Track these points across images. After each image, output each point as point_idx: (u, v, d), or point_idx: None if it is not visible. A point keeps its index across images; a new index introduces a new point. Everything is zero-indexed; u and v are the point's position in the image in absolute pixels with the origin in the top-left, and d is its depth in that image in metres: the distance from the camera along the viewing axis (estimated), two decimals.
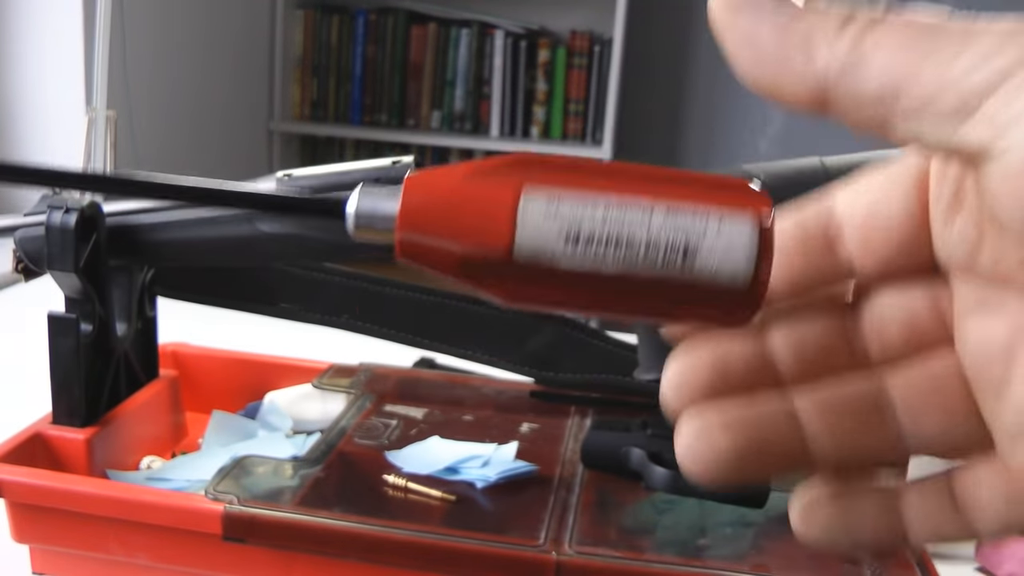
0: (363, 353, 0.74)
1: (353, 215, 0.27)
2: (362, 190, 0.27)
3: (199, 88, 2.38)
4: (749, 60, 0.21)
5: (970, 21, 0.19)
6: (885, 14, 0.19)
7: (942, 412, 0.21)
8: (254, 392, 0.73)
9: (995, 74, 0.17)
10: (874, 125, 0.19)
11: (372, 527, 0.49)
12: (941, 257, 0.21)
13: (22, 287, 1.05)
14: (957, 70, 0.18)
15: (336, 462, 0.58)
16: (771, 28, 0.21)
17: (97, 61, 1.55)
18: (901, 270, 0.22)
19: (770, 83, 0.21)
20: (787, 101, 0.21)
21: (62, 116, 1.91)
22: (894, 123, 0.19)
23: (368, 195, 0.27)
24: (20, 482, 0.52)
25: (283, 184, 0.58)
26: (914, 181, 0.22)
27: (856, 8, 0.20)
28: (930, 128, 0.18)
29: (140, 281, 0.64)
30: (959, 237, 0.20)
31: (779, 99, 0.21)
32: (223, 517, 0.50)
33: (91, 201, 0.57)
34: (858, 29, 0.19)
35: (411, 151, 2.68)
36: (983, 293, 0.20)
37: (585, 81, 2.67)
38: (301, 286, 0.68)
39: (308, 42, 2.78)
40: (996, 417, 0.20)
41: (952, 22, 0.19)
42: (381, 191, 0.27)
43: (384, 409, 0.66)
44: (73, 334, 0.57)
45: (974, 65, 0.18)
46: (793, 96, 0.20)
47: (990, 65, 0.18)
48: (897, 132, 0.19)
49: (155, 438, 0.66)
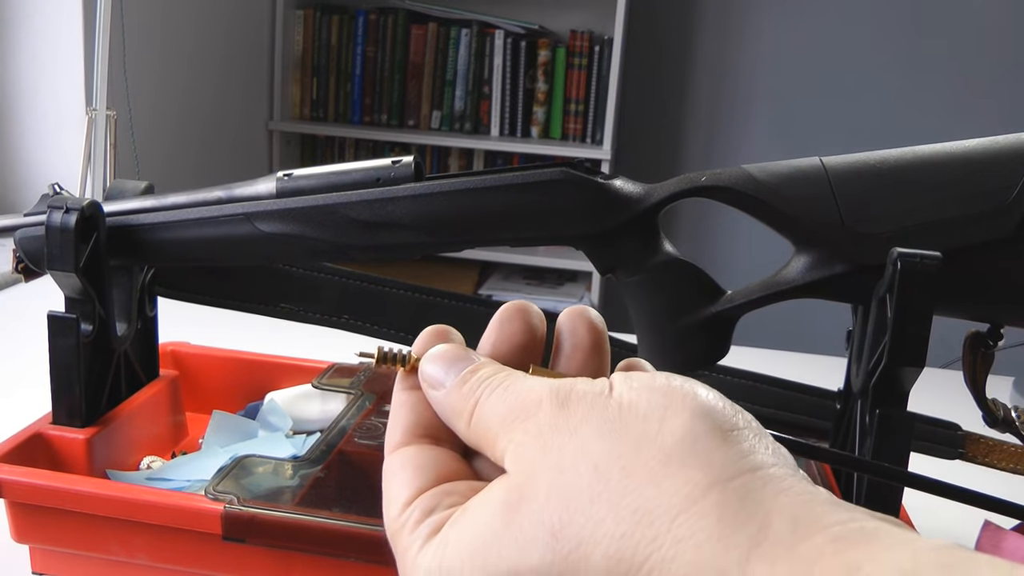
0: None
1: None
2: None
3: (199, 88, 2.38)
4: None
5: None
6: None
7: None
8: (254, 392, 0.73)
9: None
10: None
11: (372, 527, 0.49)
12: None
13: (22, 287, 1.05)
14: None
15: (336, 462, 0.58)
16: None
17: (97, 61, 1.55)
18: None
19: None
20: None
21: (62, 116, 1.91)
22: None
23: None
24: (20, 482, 0.52)
25: (283, 183, 0.58)
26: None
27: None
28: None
29: (140, 281, 0.64)
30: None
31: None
32: (223, 517, 0.50)
33: (91, 201, 0.57)
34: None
35: (411, 151, 2.68)
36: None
37: (585, 81, 2.67)
38: (301, 286, 0.68)
39: (308, 42, 2.78)
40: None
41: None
42: None
43: (384, 409, 0.66)
44: (73, 334, 0.57)
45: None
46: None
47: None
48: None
49: (155, 438, 0.66)
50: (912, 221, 0.52)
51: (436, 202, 0.55)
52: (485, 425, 0.29)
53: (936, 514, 0.63)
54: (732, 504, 0.24)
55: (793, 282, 0.54)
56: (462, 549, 0.27)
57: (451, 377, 0.31)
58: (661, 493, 0.25)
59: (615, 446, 0.26)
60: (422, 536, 0.29)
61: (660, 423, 0.26)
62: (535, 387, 0.29)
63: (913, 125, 2.63)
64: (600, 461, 0.26)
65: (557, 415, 0.28)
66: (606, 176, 0.55)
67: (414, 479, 0.30)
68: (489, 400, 0.30)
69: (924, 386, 0.54)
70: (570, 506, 0.26)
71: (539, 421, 0.28)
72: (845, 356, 0.59)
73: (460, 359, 0.31)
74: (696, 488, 0.25)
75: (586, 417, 0.27)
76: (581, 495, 0.26)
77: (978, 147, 0.53)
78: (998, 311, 0.55)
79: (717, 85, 2.84)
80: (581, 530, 0.25)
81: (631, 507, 0.25)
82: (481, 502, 0.28)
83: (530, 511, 0.26)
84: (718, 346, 0.56)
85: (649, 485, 0.25)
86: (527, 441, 0.28)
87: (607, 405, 0.27)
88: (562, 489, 0.26)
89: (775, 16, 2.75)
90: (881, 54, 2.69)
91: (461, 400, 0.30)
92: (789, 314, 1.27)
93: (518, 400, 0.29)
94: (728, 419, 0.27)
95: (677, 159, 2.88)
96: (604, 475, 0.26)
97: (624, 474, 0.25)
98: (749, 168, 0.55)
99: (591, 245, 0.56)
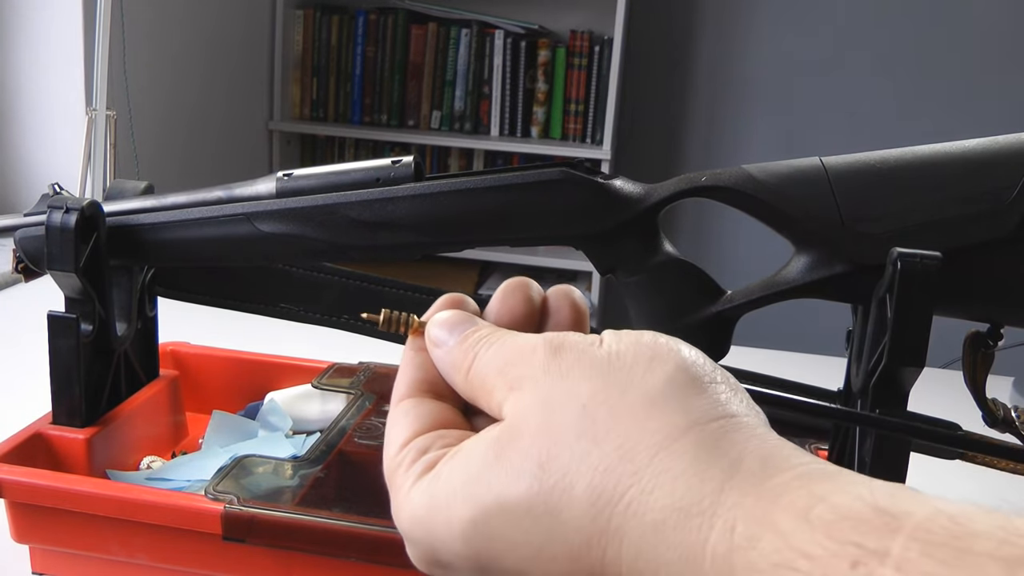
0: (363, 353, 0.74)
1: None
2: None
3: (199, 88, 2.38)
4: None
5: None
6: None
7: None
8: (254, 392, 0.73)
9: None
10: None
11: (372, 527, 0.49)
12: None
13: (22, 287, 1.05)
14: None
15: (336, 462, 0.58)
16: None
17: (97, 61, 1.55)
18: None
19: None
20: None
21: (62, 116, 1.91)
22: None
23: None
24: (20, 482, 0.52)
25: (283, 183, 0.58)
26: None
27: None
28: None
29: (140, 281, 0.64)
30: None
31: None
32: (223, 517, 0.50)
33: (91, 201, 0.57)
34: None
35: (411, 151, 2.67)
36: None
37: (585, 81, 2.67)
38: (301, 286, 0.68)
39: (308, 42, 2.78)
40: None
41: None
42: None
43: (384, 409, 0.66)
44: (73, 334, 0.57)
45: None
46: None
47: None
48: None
49: (155, 438, 0.66)
50: (912, 221, 0.52)
51: (436, 202, 0.55)
52: (482, 377, 0.31)
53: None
54: (708, 444, 0.26)
55: (793, 282, 0.54)
56: (454, 479, 0.29)
57: (454, 337, 0.33)
58: (643, 432, 0.27)
59: (603, 388, 0.28)
60: (415, 473, 0.30)
61: (645, 371, 0.28)
62: (530, 338, 0.31)
63: (913, 125, 2.63)
64: (588, 402, 0.28)
65: (550, 361, 0.30)
66: (606, 176, 0.55)
67: (413, 423, 0.32)
68: (487, 354, 0.32)
69: (924, 386, 0.54)
70: (558, 440, 0.27)
71: (532, 365, 0.30)
72: (845, 356, 0.59)
73: (463, 322, 0.33)
74: (676, 429, 0.27)
75: (577, 361, 0.29)
76: (568, 431, 0.27)
77: (978, 147, 0.53)
78: (998, 311, 0.55)
79: (717, 85, 2.84)
80: (567, 463, 0.27)
81: (614, 443, 0.27)
82: (475, 441, 0.30)
83: (520, 445, 0.28)
84: (718, 346, 0.56)
85: (632, 425, 0.27)
86: (522, 389, 0.30)
87: (597, 353, 0.29)
88: (551, 426, 0.28)
89: (775, 16, 2.75)
90: (881, 54, 2.69)
91: (460, 355, 0.32)
92: (789, 314, 1.27)
93: (513, 349, 0.31)
94: (707, 373, 0.29)
95: (677, 159, 2.88)
96: (591, 414, 0.27)
97: (610, 414, 0.27)
98: (749, 168, 0.55)
99: (591, 245, 0.56)
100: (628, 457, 0.26)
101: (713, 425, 0.27)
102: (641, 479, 0.26)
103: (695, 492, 0.25)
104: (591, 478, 0.26)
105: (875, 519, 0.23)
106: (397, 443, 0.32)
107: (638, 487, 0.26)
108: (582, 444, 0.27)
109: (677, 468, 0.26)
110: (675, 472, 0.26)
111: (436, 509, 0.29)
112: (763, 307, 0.55)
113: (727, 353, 0.57)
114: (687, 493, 0.25)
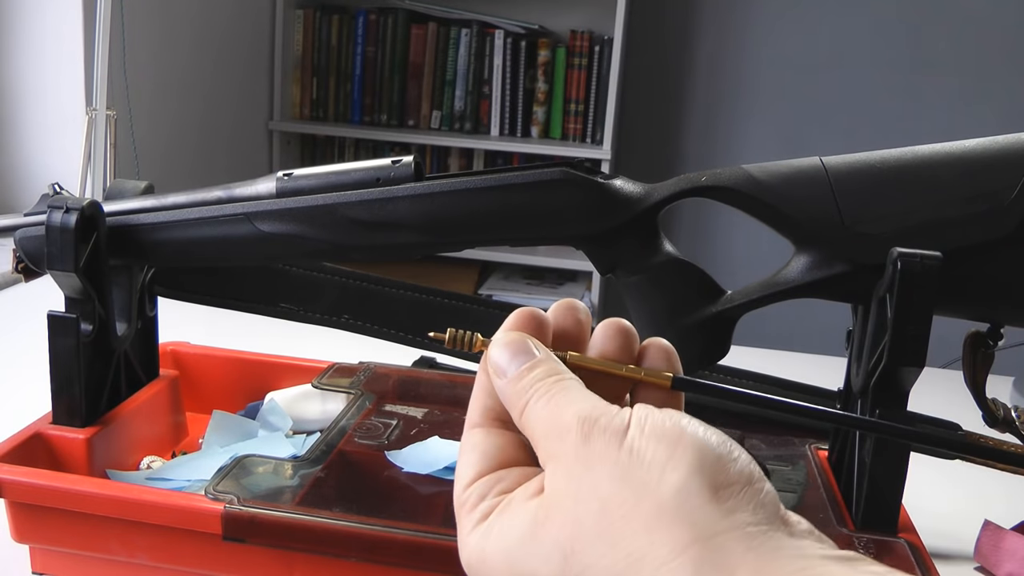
0: (363, 353, 0.74)
1: None
2: None
3: (199, 88, 2.38)
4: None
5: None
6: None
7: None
8: (254, 392, 0.73)
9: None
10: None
11: (372, 527, 0.49)
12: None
13: (22, 287, 1.05)
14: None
15: (336, 462, 0.58)
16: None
17: (97, 61, 1.55)
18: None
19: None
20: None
21: (62, 116, 1.91)
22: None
23: None
24: (20, 482, 0.52)
25: (283, 183, 0.58)
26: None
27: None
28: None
29: (140, 281, 0.64)
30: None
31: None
32: (223, 517, 0.50)
33: (91, 201, 0.57)
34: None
35: (411, 151, 2.67)
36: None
37: (585, 81, 2.67)
38: (301, 286, 0.68)
39: (308, 42, 2.78)
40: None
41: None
42: None
43: (384, 409, 0.66)
44: (73, 334, 0.57)
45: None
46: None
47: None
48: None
49: (155, 438, 0.66)
50: (912, 221, 0.52)
51: (436, 202, 0.55)
52: (530, 428, 0.36)
53: (937, 516, 0.63)
54: (707, 560, 0.30)
55: (793, 282, 0.54)
56: (499, 545, 0.34)
57: (512, 368, 0.37)
58: (651, 543, 0.30)
59: (620, 491, 0.32)
60: (474, 520, 0.36)
61: (660, 475, 0.31)
62: (565, 415, 0.34)
63: (913, 125, 2.63)
64: (606, 504, 0.32)
65: (580, 447, 0.33)
66: (606, 176, 0.55)
67: (478, 462, 0.37)
68: (535, 407, 0.36)
69: (924, 386, 0.54)
70: (580, 536, 0.32)
71: (565, 445, 0.34)
72: (845, 356, 0.59)
73: (522, 352, 0.37)
74: (678, 544, 0.30)
75: (602, 457, 0.33)
76: (590, 529, 0.32)
77: (978, 147, 0.53)
78: (998, 311, 0.55)
79: (717, 85, 2.84)
80: (586, 558, 0.31)
81: (626, 550, 0.31)
82: (521, 504, 0.34)
83: (551, 531, 0.33)
84: (718, 346, 0.56)
85: (642, 534, 0.30)
86: (556, 466, 0.34)
87: (619, 449, 0.32)
88: (576, 519, 0.32)
89: (775, 16, 2.75)
90: (881, 54, 2.69)
91: (515, 396, 0.36)
92: (789, 314, 1.27)
93: (554, 422, 0.35)
94: (722, 474, 0.32)
95: (677, 159, 2.88)
96: (608, 516, 0.31)
97: (624, 521, 0.31)
98: (749, 168, 0.55)
99: (591, 245, 0.56)
100: (636, 566, 0.30)
101: (715, 541, 0.30)
102: None
103: None
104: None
105: None
106: (463, 481, 0.37)
107: None
108: (600, 544, 0.31)
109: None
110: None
111: (485, 563, 0.34)
112: (763, 307, 0.55)
113: (727, 353, 0.57)
114: None
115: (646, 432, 0.33)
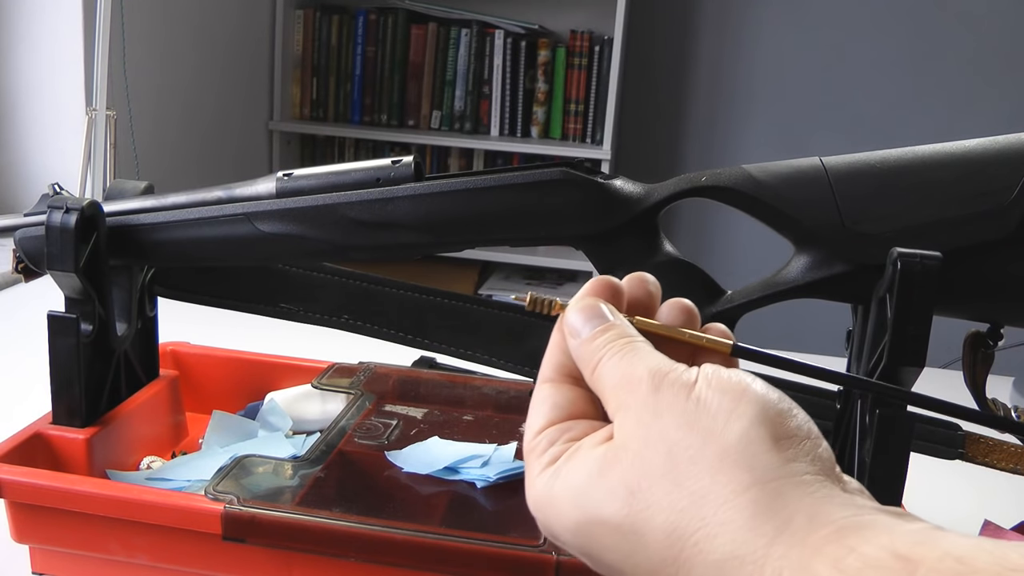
0: (363, 353, 0.74)
1: None
2: None
3: (199, 88, 2.38)
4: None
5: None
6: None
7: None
8: (254, 392, 0.73)
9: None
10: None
11: (372, 527, 0.49)
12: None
13: (22, 287, 1.05)
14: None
15: (336, 462, 0.58)
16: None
17: (97, 61, 1.55)
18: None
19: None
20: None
21: (62, 116, 1.91)
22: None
23: None
24: (20, 482, 0.52)
25: (283, 183, 0.58)
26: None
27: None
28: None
29: (140, 281, 0.64)
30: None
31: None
32: (223, 517, 0.50)
33: (91, 201, 0.57)
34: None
35: (411, 151, 2.67)
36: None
37: (585, 81, 2.67)
38: (301, 286, 0.68)
39: (308, 42, 2.78)
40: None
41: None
42: None
43: (384, 409, 0.66)
44: (73, 334, 0.57)
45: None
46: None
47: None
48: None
49: (155, 438, 0.66)
50: (912, 221, 0.52)
51: (436, 202, 0.55)
52: (601, 384, 0.37)
53: (937, 516, 0.63)
54: (765, 502, 0.31)
55: (793, 282, 0.54)
56: (568, 483, 0.36)
57: (587, 329, 0.38)
58: (714, 483, 0.32)
59: (686, 436, 0.33)
60: (542, 464, 0.37)
61: (725, 423, 0.33)
62: (638, 368, 0.36)
63: (913, 125, 2.63)
64: (673, 447, 0.33)
65: (649, 397, 0.35)
66: (606, 176, 0.55)
67: (549, 412, 0.38)
68: (607, 364, 0.37)
69: (924, 386, 0.54)
70: (647, 474, 0.33)
71: (636, 396, 0.35)
72: (845, 356, 0.59)
73: (596, 316, 0.39)
74: (740, 485, 0.32)
75: (671, 405, 0.34)
76: (656, 468, 0.33)
77: (978, 147, 0.53)
78: (998, 311, 0.55)
79: (717, 85, 2.84)
80: (652, 495, 0.33)
81: (691, 489, 0.32)
82: (589, 450, 0.36)
83: (618, 470, 0.34)
84: None
85: (707, 475, 0.32)
86: (626, 414, 0.35)
87: (687, 399, 0.34)
88: (644, 460, 0.34)
89: (774, 16, 2.75)
90: (881, 54, 2.69)
91: (588, 354, 0.38)
92: (789, 314, 1.27)
93: (626, 374, 0.36)
94: (782, 427, 0.33)
95: (677, 159, 2.88)
96: (674, 459, 0.33)
97: (691, 462, 0.33)
98: (749, 168, 0.55)
99: (591, 245, 0.56)
100: (700, 504, 0.32)
101: (772, 484, 0.32)
102: (708, 524, 0.32)
103: (750, 544, 0.31)
104: (669, 514, 0.32)
105: (894, 564, 0.28)
106: (533, 429, 0.38)
107: (705, 531, 0.32)
108: (666, 482, 0.33)
109: (738, 521, 0.31)
110: (735, 524, 0.31)
111: (552, 504, 0.36)
112: (763, 307, 0.55)
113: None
114: (743, 544, 0.31)
115: (713, 385, 0.34)
